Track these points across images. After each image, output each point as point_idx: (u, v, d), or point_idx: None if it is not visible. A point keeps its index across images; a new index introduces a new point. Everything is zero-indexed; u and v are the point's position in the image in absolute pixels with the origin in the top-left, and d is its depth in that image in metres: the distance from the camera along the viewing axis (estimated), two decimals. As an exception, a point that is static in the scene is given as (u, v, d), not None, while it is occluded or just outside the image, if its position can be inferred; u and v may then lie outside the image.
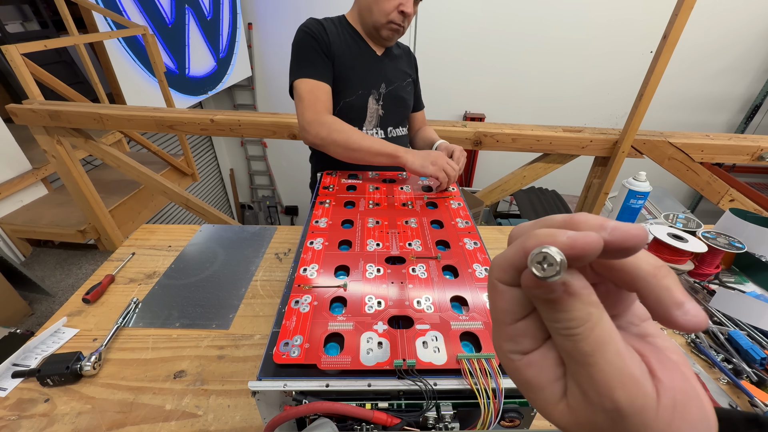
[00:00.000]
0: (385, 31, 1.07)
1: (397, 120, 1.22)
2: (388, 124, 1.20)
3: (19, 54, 1.78)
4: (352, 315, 0.55)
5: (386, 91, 1.16)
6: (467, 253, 0.70)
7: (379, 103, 1.15)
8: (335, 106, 1.10)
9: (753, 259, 0.95)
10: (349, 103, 1.12)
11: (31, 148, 2.29)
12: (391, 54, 1.19)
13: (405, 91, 1.21)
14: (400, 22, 1.04)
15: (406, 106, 1.24)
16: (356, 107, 1.13)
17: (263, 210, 5.64)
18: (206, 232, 1.12)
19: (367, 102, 1.13)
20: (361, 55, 1.12)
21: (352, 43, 1.10)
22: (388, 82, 1.15)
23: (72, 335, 0.77)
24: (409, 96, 1.24)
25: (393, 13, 1.02)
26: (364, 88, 1.12)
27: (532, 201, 3.73)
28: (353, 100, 1.12)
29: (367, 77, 1.13)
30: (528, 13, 3.95)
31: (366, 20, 1.08)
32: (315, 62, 1.04)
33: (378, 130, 1.18)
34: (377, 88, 1.14)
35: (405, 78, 1.21)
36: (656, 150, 1.64)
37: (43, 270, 2.29)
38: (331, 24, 1.09)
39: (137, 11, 2.85)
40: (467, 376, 0.45)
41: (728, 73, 4.12)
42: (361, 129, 1.15)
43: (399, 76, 1.19)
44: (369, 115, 1.15)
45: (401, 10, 1.01)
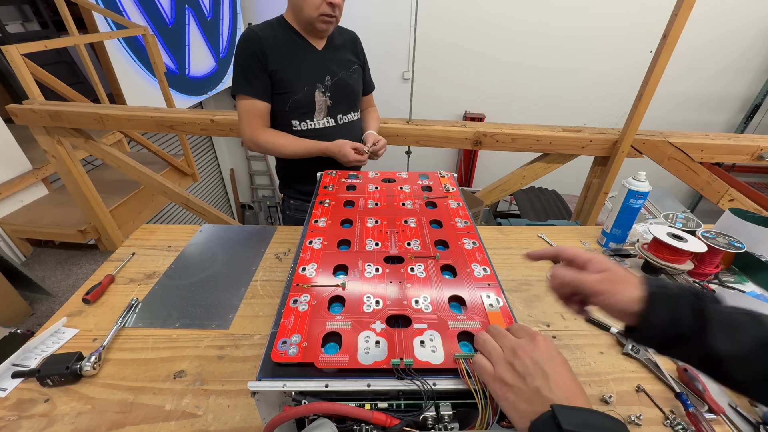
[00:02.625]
0: (318, 24, 1.12)
1: (346, 107, 1.29)
2: (338, 113, 1.27)
3: (20, 54, 1.78)
4: (351, 314, 0.55)
5: (332, 82, 1.22)
6: (466, 252, 0.70)
7: (326, 94, 1.22)
8: (285, 104, 1.19)
9: (752, 258, 0.95)
10: (297, 100, 1.19)
11: (31, 148, 2.29)
12: (333, 45, 1.24)
13: (351, 78, 1.28)
14: (330, 12, 1.09)
15: (354, 92, 1.30)
16: (304, 102, 1.20)
17: (263, 210, 5.65)
18: (206, 232, 1.12)
19: (314, 96, 1.20)
20: (302, 53, 1.18)
21: (291, 43, 1.16)
22: (332, 73, 1.22)
23: (72, 335, 0.77)
24: (357, 83, 1.31)
25: (322, 5, 1.07)
26: (309, 84, 1.19)
27: (531, 201, 3.73)
28: (300, 97, 1.19)
29: (311, 73, 1.19)
30: (528, 13, 3.94)
31: (299, 17, 1.13)
32: (250, 78, 1.13)
33: (328, 119, 1.26)
34: (322, 82, 1.21)
35: (350, 66, 1.28)
36: (656, 150, 1.64)
37: (43, 270, 2.29)
38: (269, 30, 1.15)
39: (137, 11, 2.85)
40: (464, 376, 0.45)
41: (728, 72, 4.11)
42: (312, 120, 1.24)
43: (343, 65, 1.26)
44: (318, 107, 1.23)
45: (329, 1, 1.07)
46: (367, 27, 4.19)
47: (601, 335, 0.79)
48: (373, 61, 1.41)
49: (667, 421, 0.62)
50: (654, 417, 0.63)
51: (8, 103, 1.78)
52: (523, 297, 0.89)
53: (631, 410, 0.64)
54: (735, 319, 0.40)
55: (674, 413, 0.63)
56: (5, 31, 3.02)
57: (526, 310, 0.85)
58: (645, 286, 0.44)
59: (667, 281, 0.45)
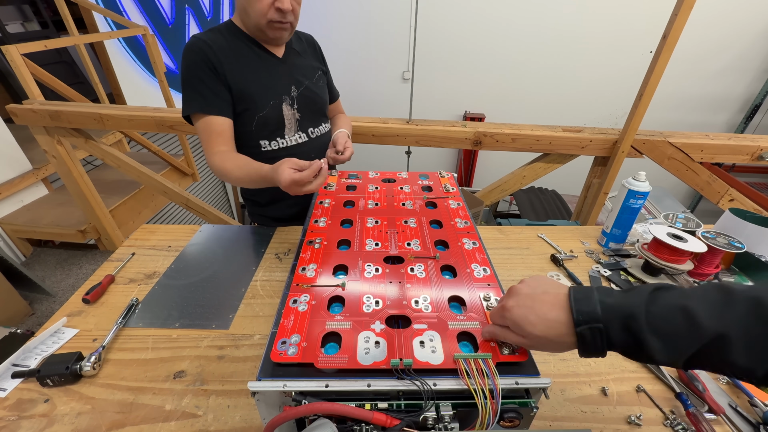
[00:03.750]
0: (270, 32, 0.97)
1: (315, 119, 1.16)
2: (308, 126, 1.13)
3: (20, 54, 1.79)
4: (350, 314, 0.55)
5: (298, 93, 1.08)
6: (466, 253, 0.70)
7: (293, 107, 1.08)
8: (251, 123, 1.03)
9: (752, 258, 0.95)
10: (264, 117, 1.03)
11: (31, 148, 2.29)
12: (293, 52, 1.10)
13: (317, 87, 1.14)
14: (280, 19, 0.93)
15: (322, 101, 1.17)
16: (272, 118, 1.05)
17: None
18: (206, 232, 1.12)
19: (281, 110, 1.05)
20: (262, 63, 1.02)
21: (248, 52, 1.01)
22: (297, 83, 1.08)
23: (72, 335, 0.77)
24: (322, 90, 1.17)
25: (269, 11, 0.91)
26: (274, 96, 1.04)
27: (531, 201, 3.73)
28: (267, 112, 1.03)
29: (275, 85, 1.04)
30: (528, 13, 3.95)
31: (248, 24, 0.99)
32: (204, 93, 0.95)
33: (299, 134, 1.11)
34: (288, 93, 1.06)
35: (314, 73, 1.14)
36: (656, 150, 1.64)
37: (43, 270, 2.29)
38: (220, 38, 0.98)
39: (137, 11, 2.85)
40: (464, 376, 0.45)
41: (728, 72, 4.12)
42: (283, 137, 1.09)
43: (308, 73, 1.12)
44: (287, 122, 1.08)
45: (277, 6, 0.91)
46: (367, 27, 4.19)
47: (601, 335, 0.79)
48: (373, 62, 1.41)
49: (667, 422, 0.62)
50: (654, 417, 0.63)
51: (8, 102, 1.78)
52: (523, 297, 0.89)
53: (631, 410, 0.64)
54: (669, 326, 0.38)
55: (674, 413, 0.63)
56: (5, 30, 3.02)
57: (526, 310, 0.85)
58: (571, 322, 0.42)
59: (595, 296, 0.42)
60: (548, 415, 0.63)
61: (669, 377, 0.68)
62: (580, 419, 0.63)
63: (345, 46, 4.18)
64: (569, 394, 0.67)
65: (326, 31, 4.10)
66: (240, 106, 1.01)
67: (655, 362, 0.39)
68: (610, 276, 0.95)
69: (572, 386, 0.68)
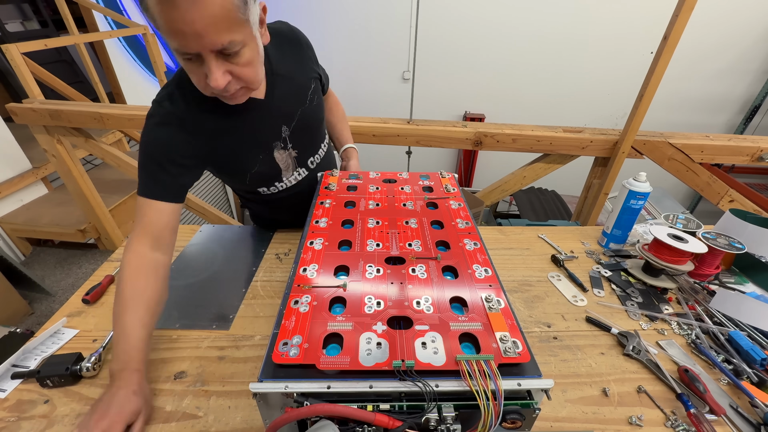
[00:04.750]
0: (226, 101, 0.73)
1: (314, 147, 1.01)
2: (307, 158, 0.99)
3: (20, 53, 1.78)
4: (352, 315, 0.55)
5: (291, 130, 0.91)
6: (467, 253, 0.70)
7: (287, 148, 0.92)
8: (244, 181, 0.92)
9: (753, 259, 0.95)
10: (257, 173, 0.91)
11: (31, 147, 2.29)
12: (277, 79, 0.85)
13: (311, 109, 0.95)
14: (221, 93, 0.69)
15: (317, 123, 1.00)
16: (265, 171, 0.92)
17: (263, 210, 5.64)
18: (206, 232, 1.12)
19: (273, 159, 0.91)
20: (239, 118, 0.81)
21: (219, 105, 0.76)
22: (287, 119, 0.89)
23: (72, 336, 0.77)
24: (318, 109, 0.99)
25: (206, 87, 0.67)
26: (263, 150, 0.88)
27: (531, 201, 3.73)
28: (259, 167, 0.90)
29: (261, 137, 0.87)
30: (529, 13, 3.94)
31: None
32: (154, 175, 0.76)
33: (298, 170, 0.98)
34: (279, 137, 0.89)
35: (306, 90, 0.93)
36: (656, 150, 1.64)
37: (43, 269, 2.29)
38: (180, 98, 0.76)
39: (138, 11, 2.85)
40: (466, 378, 0.45)
41: (728, 73, 4.12)
42: (281, 181, 0.96)
43: (300, 98, 0.91)
44: (283, 166, 0.94)
45: (212, 85, 0.65)
46: (367, 27, 4.19)
47: (602, 336, 0.79)
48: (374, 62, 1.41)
49: (668, 422, 0.62)
50: (655, 418, 0.63)
51: (8, 102, 1.77)
52: (523, 297, 0.89)
53: (632, 411, 0.64)
54: None
55: (675, 414, 0.63)
56: (5, 29, 3.02)
57: (527, 311, 0.85)
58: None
59: None
60: (550, 416, 0.63)
61: (670, 378, 0.68)
62: (581, 420, 0.63)
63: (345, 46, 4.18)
64: (570, 395, 0.67)
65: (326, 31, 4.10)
66: (227, 171, 0.90)
67: None
68: (610, 276, 0.95)
69: (573, 387, 0.68)
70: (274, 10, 4.09)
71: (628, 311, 0.85)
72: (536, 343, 0.77)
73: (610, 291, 0.92)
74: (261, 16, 0.69)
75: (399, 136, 1.68)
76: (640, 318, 0.83)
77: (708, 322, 0.80)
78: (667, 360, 0.74)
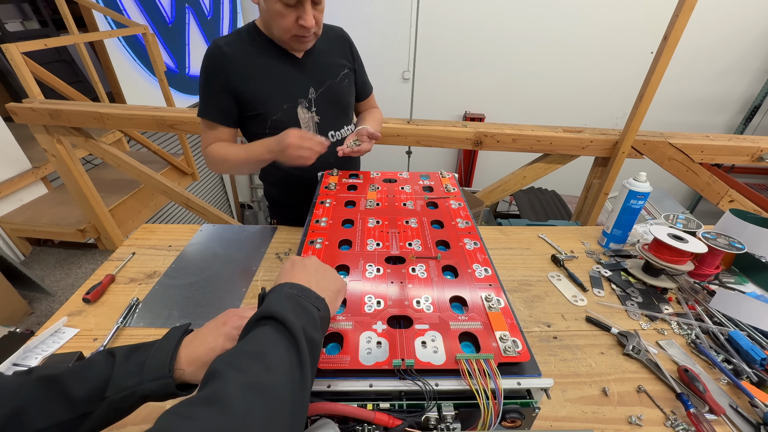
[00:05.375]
0: (294, 44, 0.96)
1: (338, 121, 1.11)
2: (329, 129, 1.09)
3: (20, 53, 1.78)
4: (352, 314, 0.55)
5: (317, 95, 1.04)
6: (467, 253, 0.70)
7: (311, 110, 1.04)
8: (264, 126, 1.02)
9: (753, 259, 0.95)
10: (277, 120, 1.01)
11: (31, 147, 2.29)
12: (315, 51, 1.04)
13: (341, 87, 1.08)
14: (304, 34, 0.92)
15: (345, 102, 1.12)
16: (286, 122, 1.01)
17: (263, 210, 5.64)
18: (206, 231, 1.12)
19: (296, 114, 1.02)
20: (278, 66, 1.00)
21: (265, 54, 0.99)
22: (317, 84, 1.04)
23: (72, 335, 0.77)
24: (347, 91, 1.12)
25: (293, 27, 0.90)
26: (288, 101, 1.01)
27: (531, 201, 3.73)
28: (279, 116, 1.01)
29: (290, 88, 1.01)
30: (529, 13, 3.95)
31: (272, 33, 0.98)
32: (210, 103, 0.99)
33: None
34: (305, 96, 1.03)
35: (339, 72, 1.08)
36: (656, 150, 1.64)
37: (42, 269, 2.29)
38: (238, 41, 0.98)
39: (137, 10, 2.85)
40: (466, 377, 0.45)
41: (728, 73, 4.12)
42: None
43: (330, 72, 1.06)
44: (303, 126, 1.04)
45: (300, 24, 0.90)
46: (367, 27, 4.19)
47: (602, 335, 0.79)
48: (374, 62, 1.41)
49: (668, 422, 0.62)
50: (655, 417, 0.63)
51: (8, 101, 1.77)
52: (523, 297, 0.89)
53: (632, 411, 0.64)
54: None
55: (675, 414, 0.63)
56: (5, 29, 3.01)
57: (527, 310, 0.85)
58: None
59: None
60: (549, 415, 0.63)
61: (670, 378, 0.68)
62: (581, 419, 0.63)
63: (345, 45, 4.19)
64: (570, 395, 0.67)
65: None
66: (252, 110, 1.01)
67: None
68: (610, 276, 0.95)
69: (573, 386, 0.68)
70: (275, 9, 4.09)
71: (628, 311, 0.85)
72: (536, 342, 0.77)
73: (610, 291, 0.92)
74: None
75: (399, 136, 1.68)
76: (640, 318, 0.83)
77: (708, 322, 0.80)
78: (667, 360, 0.74)
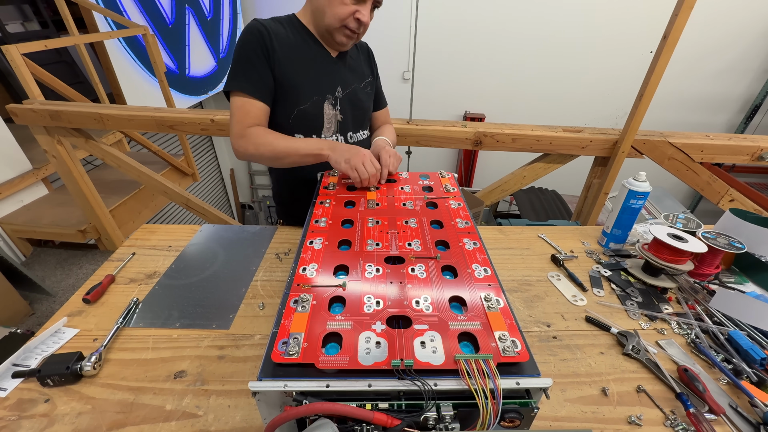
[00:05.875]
0: (339, 36, 1.00)
1: (357, 124, 1.16)
2: (348, 130, 1.14)
3: (20, 54, 1.78)
4: (351, 314, 0.55)
5: (343, 94, 1.09)
6: (467, 253, 0.70)
7: (336, 108, 1.09)
8: (290, 114, 1.04)
9: (753, 259, 0.95)
10: (304, 110, 1.04)
11: (31, 148, 2.29)
12: (347, 55, 1.11)
13: (363, 93, 1.15)
14: (355, 28, 0.98)
15: (364, 108, 1.17)
16: (311, 114, 1.06)
17: (263, 210, 5.65)
18: (206, 232, 1.12)
19: (322, 108, 1.06)
20: (314, 58, 1.04)
21: (303, 44, 1.03)
22: (344, 85, 1.09)
23: (72, 335, 0.77)
24: (368, 97, 1.18)
25: (348, 18, 0.95)
26: (318, 93, 1.05)
27: (531, 201, 3.73)
28: (307, 107, 1.04)
29: (322, 82, 1.05)
30: (528, 13, 3.95)
31: (319, 23, 1.01)
32: (250, 76, 0.97)
33: (337, 135, 1.12)
34: (333, 93, 1.07)
35: (363, 79, 1.15)
36: (656, 150, 1.64)
37: (43, 270, 2.29)
38: (278, 26, 1.00)
39: (137, 11, 2.85)
40: (465, 377, 0.45)
41: (728, 73, 4.12)
42: (319, 136, 1.09)
43: (356, 77, 1.13)
44: (326, 121, 1.08)
45: (357, 17, 0.95)
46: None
47: (602, 335, 0.79)
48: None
49: (667, 422, 0.62)
50: (654, 417, 0.63)
51: (8, 102, 1.77)
52: (523, 297, 0.89)
53: (631, 410, 0.64)
54: None
55: (675, 414, 0.63)
56: (5, 30, 3.02)
57: (527, 310, 0.85)
58: None
59: None
60: (549, 415, 0.63)
61: (669, 377, 0.68)
62: (580, 419, 0.63)
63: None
64: (570, 395, 0.67)
65: (326, 31, 4.11)
66: (281, 95, 1.02)
67: None
68: (610, 276, 0.95)
69: (572, 386, 0.68)
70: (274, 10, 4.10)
71: (628, 311, 0.85)
72: (536, 342, 0.77)
73: (610, 291, 0.92)
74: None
75: (399, 136, 1.68)
76: (640, 317, 0.83)
77: (708, 321, 0.80)
78: (667, 359, 0.74)
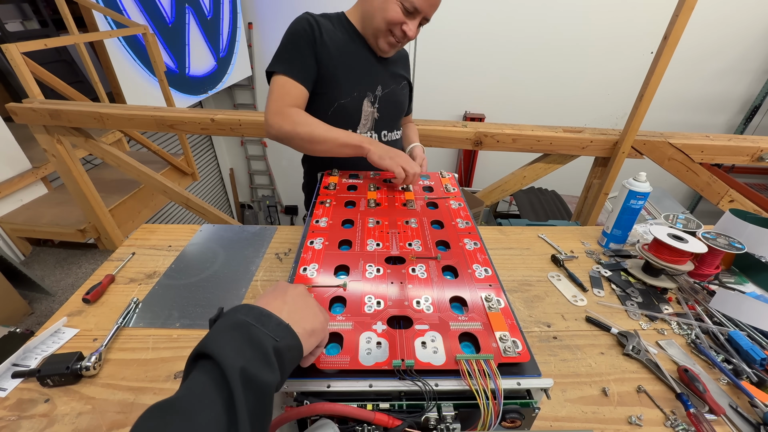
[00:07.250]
0: (383, 43, 1.04)
1: (392, 123, 1.19)
2: (383, 128, 1.16)
3: (20, 53, 1.78)
4: (352, 315, 0.55)
5: (382, 93, 1.12)
6: (467, 253, 0.70)
7: (374, 105, 1.11)
8: (329, 107, 1.07)
9: (753, 259, 0.95)
10: (343, 104, 1.07)
11: (31, 147, 2.28)
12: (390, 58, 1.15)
13: (401, 94, 1.19)
14: (399, 38, 1.01)
15: (401, 109, 1.21)
16: (350, 109, 1.08)
17: (263, 210, 5.64)
18: (206, 231, 1.12)
19: (361, 104, 1.09)
20: (358, 55, 1.08)
21: (349, 41, 1.06)
22: (384, 84, 1.12)
23: (72, 335, 0.77)
24: (404, 98, 1.22)
25: (396, 25, 0.99)
26: (359, 90, 1.08)
27: (531, 201, 3.73)
28: (347, 102, 1.07)
29: (363, 79, 1.09)
30: (528, 13, 3.94)
31: (367, 25, 1.04)
32: (295, 61, 1.00)
33: (372, 133, 1.15)
34: (373, 91, 1.10)
35: (401, 81, 1.19)
36: (656, 150, 1.64)
37: (42, 269, 2.29)
38: (327, 22, 1.04)
39: (137, 10, 2.85)
40: (466, 377, 0.45)
41: (728, 73, 4.12)
42: (355, 131, 1.11)
43: (396, 78, 1.16)
44: (363, 117, 1.11)
45: (404, 29, 0.99)
46: (367, 27, 4.20)
47: (602, 335, 0.79)
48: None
49: (667, 422, 0.62)
50: (655, 418, 0.63)
51: (8, 101, 1.77)
52: (523, 297, 0.89)
53: (631, 411, 0.64)
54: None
55: (675, 414, 0.63)
56: (5, 29, 3.01)
57: (527, 311, 0.85)
58: None
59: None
60: (549, 415, 0.63)
61: (670, 378, 0.68)
62: (581, 419, 0.63)
63: (345, 45, 4.19)
64: (570, 395, 0.67)
65: (326, 31, 4.11)
66: (323, 87, 1.04)
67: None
68: (610, 276, 0.95)
69: (573, 387, 0.68)
70: (274, 10, 4.09)
71: (628, 311, 0.85)
72: (536, 342, 0.77)
73: (610, 291, 0.92)
74: None
75: (399, 136, 1.68)
76: (640, 318, 0.83)
77: (708, 322, 0.80)
78: (667, 360, 0.74)
